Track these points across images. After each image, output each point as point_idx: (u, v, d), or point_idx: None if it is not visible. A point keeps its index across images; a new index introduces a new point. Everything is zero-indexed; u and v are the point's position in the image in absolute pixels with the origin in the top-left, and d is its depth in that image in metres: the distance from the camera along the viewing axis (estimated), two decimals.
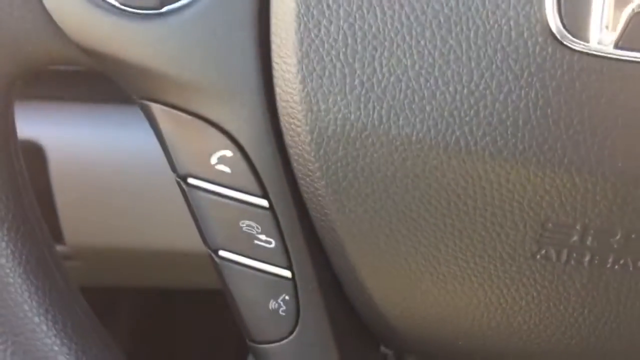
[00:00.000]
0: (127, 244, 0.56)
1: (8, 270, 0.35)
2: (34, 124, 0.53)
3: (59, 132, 0.54)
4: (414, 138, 0.33)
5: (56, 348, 0.35)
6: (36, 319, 0.35)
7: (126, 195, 0.54)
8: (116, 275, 0.62)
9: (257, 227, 0.37)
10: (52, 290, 0.36)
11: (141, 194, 0.53)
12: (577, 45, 0.31)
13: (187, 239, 0.49)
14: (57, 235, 0.55)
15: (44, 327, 0.35)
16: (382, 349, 0.47)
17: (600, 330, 0.37)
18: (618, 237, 0.34)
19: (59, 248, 0.55)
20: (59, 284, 0.37)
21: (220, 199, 0.37)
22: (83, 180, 0.54)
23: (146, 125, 0.37)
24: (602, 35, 0.31)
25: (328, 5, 0.32)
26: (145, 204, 0.54)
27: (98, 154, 0.53)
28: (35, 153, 0.53)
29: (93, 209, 0.54)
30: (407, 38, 0.32)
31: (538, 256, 0.35)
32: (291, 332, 0.39)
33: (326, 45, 0.32)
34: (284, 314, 0.39)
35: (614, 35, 0.30)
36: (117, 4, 0.34)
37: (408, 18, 0.32)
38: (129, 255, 0.56)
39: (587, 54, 0.31)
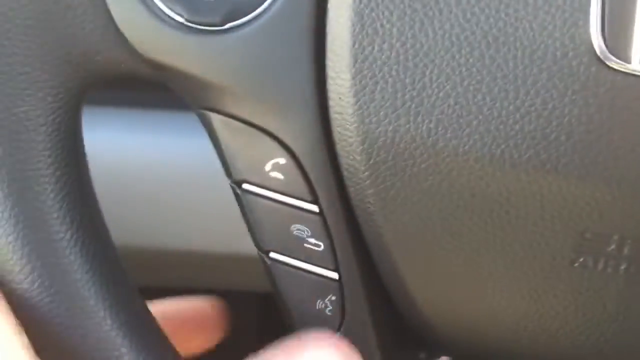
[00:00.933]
0: (159, 245, 0.57)
1: (76, 266, 0.37)
2: None
3: (94, 136, 0.56)
4: (460, 150, 0.35)
5: (119, 341, 0.37)
6: (101, 313, 0.37)
7: (158, 197, 0.55)
8: (151, 275, 0.63)
9: (307, 231, 0.39)
10: (116, 286, 0.38)
11: (173, 194, 0.55)
12: (619, 65, 0.32)
13: (220, 240, 0.51)
14: None
15: (109, 321, 0.37)
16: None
17: (635, 336, 0.39)
18: None
19: None
20: (122, 281, 0.39)
21: (272, 203, 0.39)
22: (119, 182, 0.56)
23: (179, 128, 0.39)
24: None
25: (382, 25, 0.34)
26: (176, 205, 0.55)
27: (133, 156, 0.55)
28: None
29: (126, 210, 0.56)
30: (457, 56, 0.34)
31: (576, 264, 0.37)
32: (337, 331, 0.41)
33: (379, 62, 0.34)
34: (330, 313, 0.40)
35: None
36: (182, 21, 0.36)
37: (458, 38, 0.33)
38: (164, 255, 0.58)
39: (629, 74, 0.32)
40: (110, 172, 0.54)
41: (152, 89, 0.40)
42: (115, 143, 0.55)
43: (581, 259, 0.37)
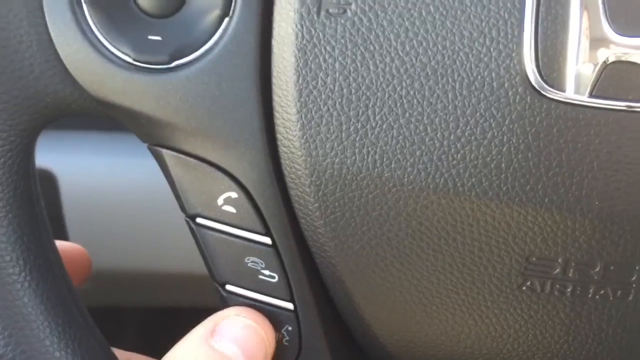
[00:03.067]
0: (134, 267, 0.58)
1: (30, 309, 0.37)
2: (46, 152, 0.55)
3: (70, 160, 0.56)
4: (405, 180, 0.35)
5: None
6: (57, 354, 0.37)
7: (134, 219, 0.56)
8: (125, 296, 0.64)
9: (261, 263, 0.39)
10: (72, 325, 0.38)
11: (148, 217, 0.56)
12: (554, 94, 0.33)
13: (190, 261, 0.51)
14: None
15: None
16: None
17: (584, 356, 0.39)
18: (598, 269, 0.36)
19: None
20: (77, 319, 0.39)
21: (226, 237, 0.39)
22: (93, 206, 0.56)
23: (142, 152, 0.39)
24: (577, 85, 0.33)
25: (325, 59, 0.35)
26: (152, 227, 0.56)
27: (108, 180, 0.56)
28: (47, 179, 0.55)
29: (103, 233, 0.56)
30: (398, 89, 0.34)
31: (524, 287, 0.38)
32: None
33: (323, 95, 0.35)
34: (287, 344, 0.41)
35: (588, 85, 0.33)
36: (129, 60, 0.36)
37: (398, 70, 0.34)
38: (137, 277, 0.58)
39: (564, 102, 0.33)
40: (85, 195, 0.55)
41: None
42: (84, 166, 0.55)
43: (528, 283, 0.37)
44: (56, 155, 0.56)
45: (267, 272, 0.40)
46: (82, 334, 0.38)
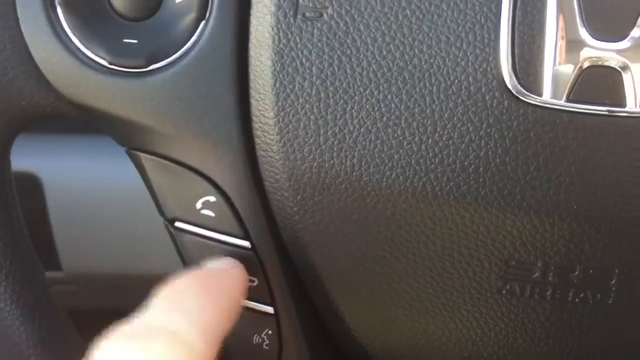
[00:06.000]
0: (119, 269, 0.57)
1: (6, 314, 0.37)
2: (30, 156, 0.55)
3: (55, 163, 0.56)
4: (384, 184, 0.35)
5: None
6: (33, 359, 0.37)
7: (119, 222, 0.56)
8: (109, 299, 0.64)
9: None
10: (49, 329, 0.38)
11: (133, 221, 0.55)
12: (531, 98, 0.33)
13: (176, 263, 0.51)
14: (54, 261, 0.57)
15: None
16: None
17: (565, 359, 0.39)
18: (577, 272, 0.36)
19: (56, 274, 0.57)
20: (55, 324, 0.39)
21: (205, 241, 0.39)
22: (78, 209, 0.56)
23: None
24: (554, 90, 0.33)
25: (302, 63, 0.34)
26: (137, 230, 0.56)
27: (92, 183, 0.55)
28: (32, 183, 0.55)
29: (88, 236, 0.56)
30: (375, 93, 0.34)
31: (503, 291, 0.37)
32: None
33: (301, 99, 0.35)
34: (267, 347, 0.41)
35: (565, 89, 0.33)
36: (105, 64, 0.36)
37: (375, 74, 0.34)
38: (121, 279, 0.58)
39: (541, 106, 0.33)
40: (60, 198, 0.55)
41: None
42: (68, 169, 0.55)
43: (508, 287, 0.37)
44: (39, 159, 0.56)
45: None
46: (59, 338, 0.38)
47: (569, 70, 0.33)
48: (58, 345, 0.38)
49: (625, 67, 0.32)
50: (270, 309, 0.40)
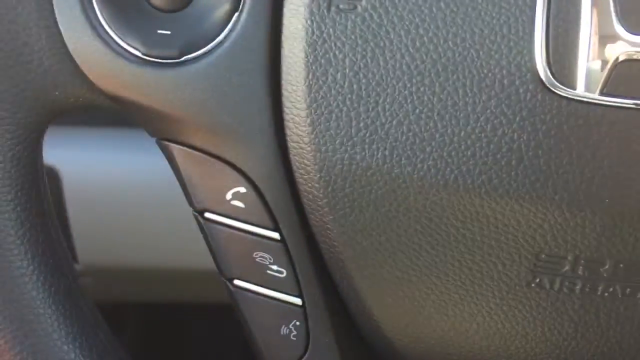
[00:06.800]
0: (136, 263, 0.58)
1: (38, 302, 0.37)
2: (48, 149, 0.55)
3: (72, 156, 0.56)
4: (415, 176, 0.35)
5: None
6: (65, 347, 0.37)
7: (136, 215, 0.56)
8: (126, 292, 0.64)
9: (270, 258, 0.39)
10: (79, 318, 0.38)
11: (149, 214, 0.56)
12: (565, 92, 0.33)
13: (192, 256, 0.51)
14: (71, 254, 0.57)
15: (72, 355, 0.37)
16: None
17: (592, 353, 0.39)
18: (607, 266, 0.36)
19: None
20: (84, 313, 0.39)
21: (234, 232, 0.39)
22: (95, 202, 0.56)
23: (154, 148, 0.39)
24: (588, 83, 0.33)
25: (335, 55, 0.35)
26: (153, 224, 0.56)
27: (109, 176, 0.56)
28: (50, 176, 0.56)
29: (105, 229, 0.57)
30: (408, 85, 0.34)
31: (533, 284, 0.37)
32: (301, 357, 0.41)
33: (333, 91, 0.35)
34: (294, 338, 0.41)
35: (599, 83, 0.33)
36: (139, 54, 0.36)
37: (409, 67, 0.34)
38: (138, 273, 0.58)
39: (575, 100, 0.33)
40: (77, 190, 0.55)
41: None
42: (87, 162, 0.55)
43: (537, 280, 0.37)
44: (58, 152, 0.57)
45: (275, 267, 0.40)
46: (89, 328, 0.39)
47: (603, 64, 0.33)
48: (88, 335, 0.38)
49: None
50: (298, 300, 0.40)
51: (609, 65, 0.33)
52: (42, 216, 0.39)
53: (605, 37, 0.33)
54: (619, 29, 0.32)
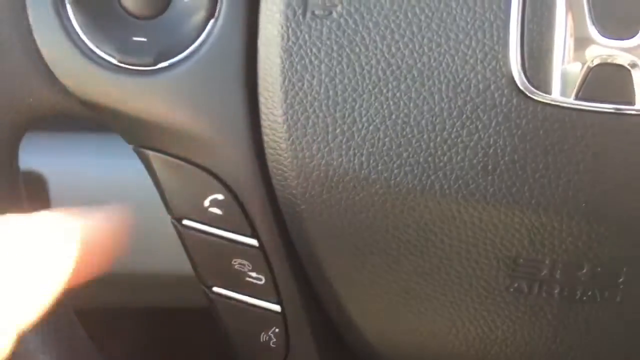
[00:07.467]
0: (122, 268, 0.57)
1: None
2: (34, 154, 0.55)
3: (58, 161, 0.56)
4: (392, 182, 0.35)
5: None
6: (41, 356, 0.37)
7: None
8: (115, 298, 0.64)
9: (248, 265, 0.39)
10: (57, 326, 0.38)
11: (137, 219, 0.55)
12: (540, 96, 0.33)
13: (181, 262, 0.51)
14: None
15: None
16: None
17: (572, 357, 0.39)
18: (585, 270, 0.36)
19: None
20: (61, 320, 0.39)
21: (213, 239, 0.39)
22: (82, 207, 0.56)
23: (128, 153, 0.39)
24: (563, 88, 0.33)
25: (310, 61, 0.35)
26: (141, 229, 0.56)
27: (96, 182, 0.55)
28: (36, 181, 0.55)
29: None
30: (384, 90, 0.34)
31: (511, 289, 0.37)
32: None
33: (309, 97, 0.35)
34: (274, 345, 0.41)
35: (574, 87, 0.33)
36: (114, 61, 0.36)
37: (384, 72, 0.34)
38: (124, 278, 0.58)
39: (550, 104, 0.33)
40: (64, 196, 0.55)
41: None
42: (73, 167, 0.55)
43: (516, 285, 0.37)
44: (44, 157, 0.56)
45: (254, 274, 0.39)
46: (66, 335, 0.38)
47: (578, 68, 0.33)
48: (64, 343, 0.38)
49: (634, 65, 0.32)
50: (277, 307, 0.40)
51: (584, 70, 0.33)
52: None
53: (580, 41, 0.33)
54: (594, 32, 0.32)
